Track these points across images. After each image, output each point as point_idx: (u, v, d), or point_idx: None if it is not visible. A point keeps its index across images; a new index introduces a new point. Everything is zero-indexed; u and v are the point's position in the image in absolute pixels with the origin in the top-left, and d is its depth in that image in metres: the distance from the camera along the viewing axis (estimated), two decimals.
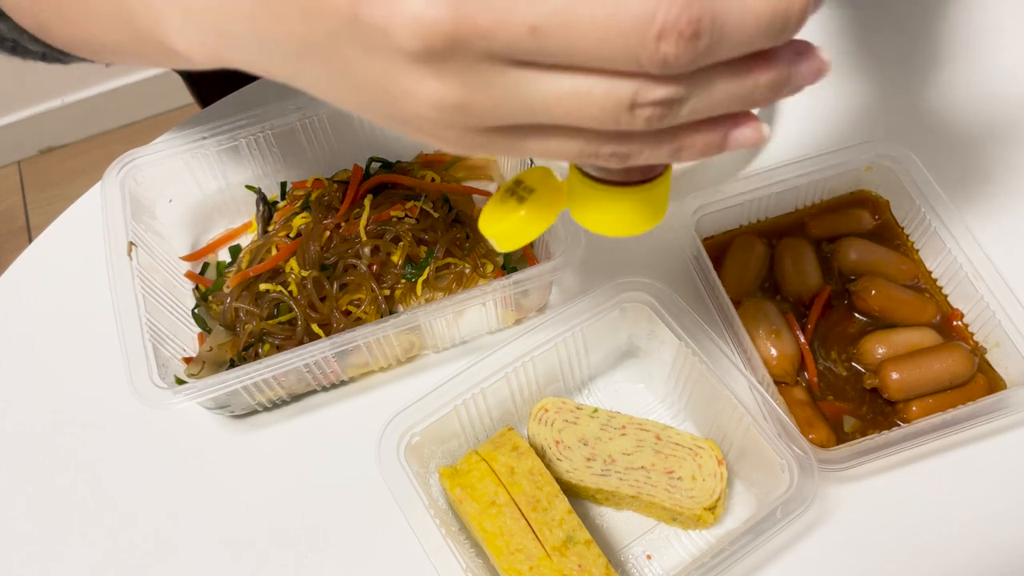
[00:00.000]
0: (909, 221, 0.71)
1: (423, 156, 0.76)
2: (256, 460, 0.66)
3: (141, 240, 0.66)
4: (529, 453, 0.59)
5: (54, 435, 0.68)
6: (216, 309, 0.69)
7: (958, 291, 0.68)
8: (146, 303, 0.63)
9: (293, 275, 0.68)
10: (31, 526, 0.64)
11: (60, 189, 1.94)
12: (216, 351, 0.66)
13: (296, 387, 0.66)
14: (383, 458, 0.57)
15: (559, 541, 0.56)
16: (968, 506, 0.62)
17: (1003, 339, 0.64)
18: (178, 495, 0.65)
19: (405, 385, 0.68)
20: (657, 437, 0.61)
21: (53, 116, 1.96)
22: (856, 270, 0.69)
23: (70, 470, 0.66)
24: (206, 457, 0.66)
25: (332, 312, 0.67)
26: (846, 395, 0.65)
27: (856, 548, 0.61)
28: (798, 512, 0.56)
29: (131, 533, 0.64)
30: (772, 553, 0.61)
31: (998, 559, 0.60)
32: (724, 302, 0.66)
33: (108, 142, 2.02)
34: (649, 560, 0.61)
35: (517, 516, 0.57)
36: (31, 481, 0.66)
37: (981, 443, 0.64)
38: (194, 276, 0.72)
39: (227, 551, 0.63)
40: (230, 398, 0.64)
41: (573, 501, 0.59)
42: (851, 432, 0.64)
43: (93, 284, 0.71)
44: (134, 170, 0.68)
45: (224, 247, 0.74)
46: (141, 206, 0.69)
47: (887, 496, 0.62)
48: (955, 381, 0.64)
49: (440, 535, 0.55)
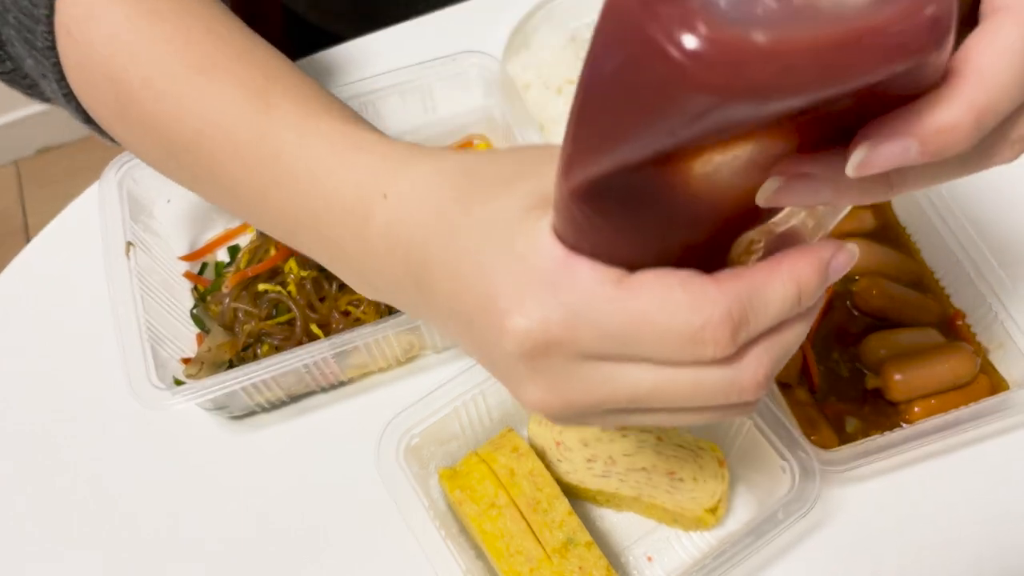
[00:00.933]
0: (911, 221, 0.71)
1: None
2: (255, 461, 0.66)
3: (139, 240, 0.66)
4: (529, 454, 0.59)
5: (52, 435, 0.67)
6: (215, 309, 0.69)
7: (960, 291, 0.68)
8: (144, 303, 0.62)
9: (292, 275, 0.67)
10: (30, 526, 0.64)
11: (58, 189, 1.94)
12: (215, 352, 0.65)
13: (295, 388, 0.66)
14: (382, 459, 0.57)
15: (559, 543, 0.56)
16: (971, 507, 0.62)
17: (1006, 340, 0.64)
18: (177, 496, 0.65)
19: (405, 386, 0.68)
20: (658, 438, 0.61)
21: (51, 116, 1.96)
22: (858, 270, 0.69)
23: (68, 470, 0.66)
24: (205, 458, 0.66)
25: (331, 312, 0.66)
26: (848, 396, 0.65)
27: (858, 550, 0.60)
28: (800, 513, 0.56)
29: (130, 534, 0.63)
30: (774, 555, 0.60)
31: (1001, 561, 0.60)
32: None
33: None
34: (650, 562, 0.61)
35: (517, 518, 0.57)
36: (29, 481, 0.66)
37: (984, 444, 0.64)
38: (192, 276, 0.72)
39: (226, 552, 0.63)
40: (229, 399, 0.63)
41: (573, 503, 0.58)
42: (853, 433, 0.63)
43: (91, 284, 0.71)
44: (132, 170, 0.68)
45: (223, 247, 0.74)
46: (139, 206, 0.68)
47: (889, 497, 0.62)
48: (958, 382, 0.64)
49: (440, 537, 0.55)
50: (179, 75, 0.46)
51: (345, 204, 0.41)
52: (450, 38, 0.81)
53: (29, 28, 0.48)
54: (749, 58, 0.21)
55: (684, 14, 0.21)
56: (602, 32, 0.24)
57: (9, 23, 0.49)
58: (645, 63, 0.22)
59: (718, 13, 0.22)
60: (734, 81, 0.21)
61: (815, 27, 0.22)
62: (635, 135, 0.25)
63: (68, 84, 0.49)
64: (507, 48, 0.79)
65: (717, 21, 0.21)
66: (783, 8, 0.22)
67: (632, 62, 0.23)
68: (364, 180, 0.40)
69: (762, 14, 0.22)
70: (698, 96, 0.22)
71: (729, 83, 0.21)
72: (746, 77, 0.21)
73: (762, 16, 0.22)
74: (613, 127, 0.26)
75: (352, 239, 0.41)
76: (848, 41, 0.22)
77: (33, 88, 0.55)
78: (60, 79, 0.49)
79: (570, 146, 0.29)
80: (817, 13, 0.22)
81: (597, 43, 0.25)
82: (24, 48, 0.50)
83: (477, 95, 0.74)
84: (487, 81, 0.72)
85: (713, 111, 0.22)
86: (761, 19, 0.22)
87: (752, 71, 0.21)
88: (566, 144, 0.30)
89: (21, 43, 0.50)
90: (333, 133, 0.43)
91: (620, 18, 0.23)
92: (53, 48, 0.48)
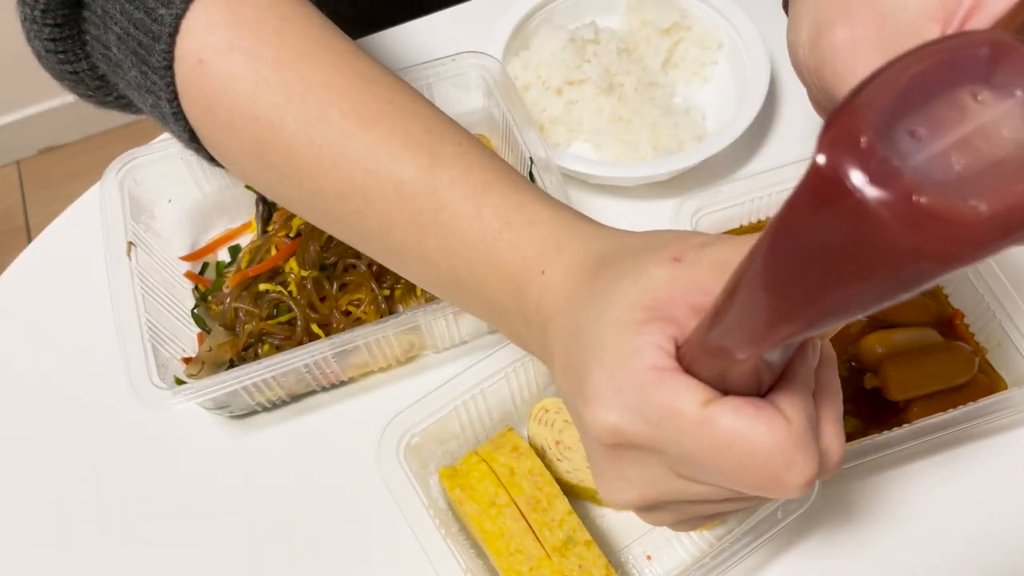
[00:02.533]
0: None
1: None
2: (255, 460, 0.66)
3: (140, 240, 0.66)
4: (529, 454, 0.59)
5: (52, 435, 0.67)
6: (216, 309, 0.69)
7: (959, 291, 0.68)
8: (145, 303, 0.62)
9: (293, 275, 0.68)
10: (29, 527, 0.64)
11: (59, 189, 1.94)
12: (215, 351, 0.65)
13: (296, 387, 0.66)
14: (383, 459, 0.57)
15: (559, 542, 0.56)
16: (969, 506, 0.62)
17: (1004, 339, 0.64)
18: (177, 495, 0.65)
19: (405, 385, 0.68)
20: None
21: (52, 116, 1.96)
22: None
23: (69, 470, 0.66)
24: (205, 457, 0.66)
25: (332, 312, 0.67)
26: (846, 395, 0.64)
27: (856, 548, 0.61)
28: (798, 512, 0.56)
29: (130, 534, 0.64)
30: (772, 553, 0.60)
31: (1000, 560, 0.60)
32: None
33: (107, 142, 2.02)
34: (649, 560, 0.61)
35: (517, 517, 0.57)
36: (28, 481, 0.66)
37: (981, 443, 0.64)
38: (193, 276, 0.72)
39: (226, 551, 0.63)
40: (229, 398, 0.63)
41: (573, 502, 0.59)
42: (851, 432, 0.63)
43: (92, 284, 0.71)
44: (133, 170, 0.68)
45: (224, 247, 0.74)
46: (140, 206, 0.69)
47: (888, 496, 0.62)
48: (956, 381, 0.64)
49: (440, 536, 0.55)
50: (337, 124, 0.46)
51: (510, 274, 0.43)
52: (450, 38, 0.81)
53: (144, 44, 0.47)
54: (977, 226, 0.22)
55: (906, 192, 0.22)
56: (808, 209, 0.25)
57: (113, 30, 0.49)
58: (873, 242, 0.23)
59: (932, 185, 0.23)
60: (962, 248, 0.23)
61: (1015, 179, 0.23)
62: (849, 308, 0.26)
63: (180, 105, 0.49)
64: (507, 48, 0.79)
65: (937, 194, 0.22)
66: (976, 161, 0.23)
67: (856, 240, 0.24)
68: (530, 256, 0.43)
69: (960, 172, 0.23)
70: (930, 263, 0.23)
71: (958, 250, 0.23)
72: (974, 241, 0.22)
73: (962, 175, 0.23)
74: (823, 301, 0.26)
75: (512, 304, 0.44)
76: None
77: (110, 97, 0.55)
78: (172, 99, 0.48)
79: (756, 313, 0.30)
80: (1007, 160, 0.23)
81: (801, 218, 0.25)
82: (130, 59, 0.49)
83: (477, 95, 0.74)
84: (487, 81, 0.72)
85: (937, 273, 0.24)
86: (964, 179, 0.23)
87: (979, 236, 0.22)
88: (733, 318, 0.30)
89: (126, 54, 0.49)
90: (506, 206, 0.44)
91: (833, 194, 0.24)
92: (170, 68, 0.47)
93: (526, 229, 0.43)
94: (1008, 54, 0.25)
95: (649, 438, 0.35)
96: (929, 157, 0.23)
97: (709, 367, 0.34)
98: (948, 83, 0.25)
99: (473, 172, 0.46)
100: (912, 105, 0.24)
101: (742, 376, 0.33)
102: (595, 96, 0.77)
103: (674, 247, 0.38)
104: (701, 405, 0.33)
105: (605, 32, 0.81)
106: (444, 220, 0.45)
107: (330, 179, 0.46)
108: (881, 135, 0.23)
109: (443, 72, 0.72)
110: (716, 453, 0.33)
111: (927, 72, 0.24)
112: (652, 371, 0.34)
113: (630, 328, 0.35)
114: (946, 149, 0.24)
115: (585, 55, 0.79)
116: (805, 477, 0.33)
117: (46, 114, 1.95)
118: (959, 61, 0.25)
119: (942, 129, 0.24)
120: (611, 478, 0.38)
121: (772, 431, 0.33)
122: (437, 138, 0.47)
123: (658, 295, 0.36)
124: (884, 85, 0.24)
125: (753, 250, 0.28)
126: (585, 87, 0.78)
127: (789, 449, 0.33)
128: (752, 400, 0.33)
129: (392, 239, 0.47)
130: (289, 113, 0.46)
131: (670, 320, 0.35)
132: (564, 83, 0.78)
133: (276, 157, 0.47)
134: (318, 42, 0.48)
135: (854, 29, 0.34)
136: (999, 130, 0.24)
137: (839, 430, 0.37)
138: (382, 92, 0.47)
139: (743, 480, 0.33)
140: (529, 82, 0.79)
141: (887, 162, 0.23)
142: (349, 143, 0.46)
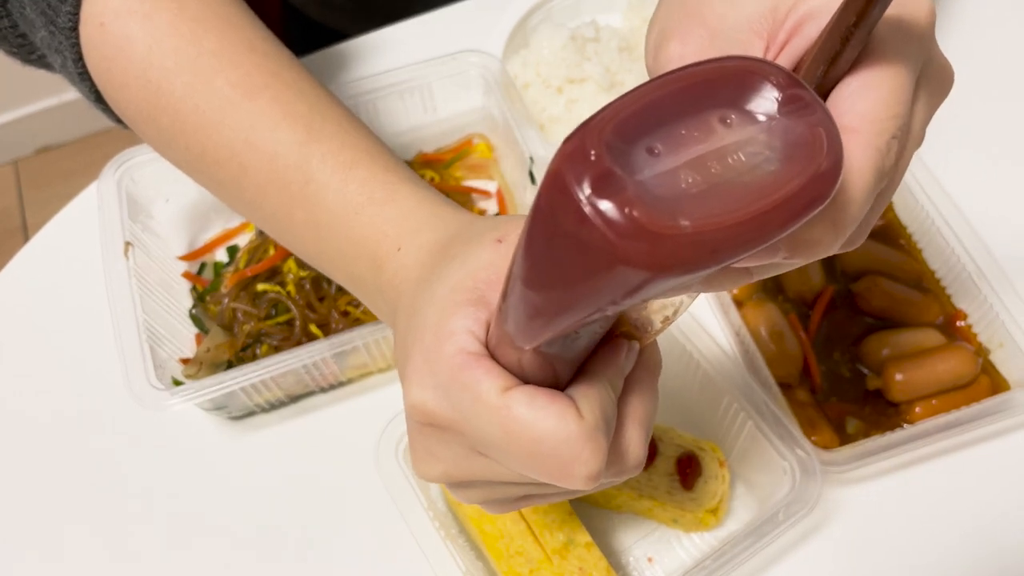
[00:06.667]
0: (912, 221, 0.71)
1: (422, 155, 0.75)
2: (254, 462, 0.66)
3: (138, 240, 0.66)
4: None
5: (50, 435, 0.67)
6: (213, 310, 0.69)
7: (962, 291, 0.67)
8: (143, 303, 0.62)
9: (291, 275, 0.67)
10: (29, 527, 0.64)
11: (57, 188, 1.94)
12: (214, 352, 0.65)
13: (294, 388, 0.66)
14: (382, 459, 0.57)
15: (559, 544, 0.56)
16: (972, 508, 0.61)
17: (1007, 340, 0.64)
18: (175, 497, 0.65)
19: None
20: (659, 439, 0.60)
21: (50, 115, 1.96)
22: (859, 270, 0.69)
23: (66, 470, 0.66)
24: (203, 459, 0.66)
25: (330, 312, 0.66)
26: (849, 396, 0.65)
27: (859, 550, 0.60)
28: (801, 514, 0.56)
29: (128, 534, 0.63)
30: (774, 556, 0.60)
31: (1002, 561, 0.60)
32: (726, 303, 0.65)
33: (105, 141, 2.01)
34: (651, 563, 0.60)
35: (517, 518, 0.56)
36: (27, 481, 0.65)
37: (985, 444, 0.63)
38: (191, 276, 0.71)
39: (225, 552, 0.62)
40: (228, 399, 0.63)
41: (573, 503, 0.58)
42: (854, 434, 0.63)
43: (90, 284, 0.71)
44: (131, 169, 0.67)
45: (221, 247, 0.74)
46: (138, 206, 0.68)
47: (890, 498, 0.62)
48: (959, 382, 0.64)
49: (439, 537, 0.55)
50: (222, 92, 0.47)
51: (369, 250, 0.44)
52: (450, 37, 0.81)
53: (52, 5, 0.49)
54: (680, 242, 0.24)
55: (622, 204, 0.24)
56: (544, 213, 0.27)
57: None
58: (591, 248, 0.25)
59: (650, 199, 0.24)
60: (666, 261, 0.24)
61: (733, 203, 0.25)
62: (580, 306, 0.28)
63: (85, 65, 0.50)
64: (507, 47, 0.79)
65: (649, 209, 0.24)
66: (704, 181, 0.25)
67: (579, 244, 0.25)
68: (389, 232, 0.43)
69: (686, 189, 0.25)
70: (637, 272, 0.25)
71: (662, 263, 0.24)
72: (678, 257, 0.24)
73: (686, 192, 0.25)
74: (563, 297, 0.28)
75: (371, 279, 0.44)
76: (763, 215, 0.25)
77: (33, 55, 0.55)
78: (77, 59, 0.50)
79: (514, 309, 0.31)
80: (734, 182, 0.25)
81: (540, 221, 0.27)
82: (40, 19, 0.50)
83: (477, 94, 0.74)
84: (487, 80, 0.72)
85: (649, 283, 0.25)
86: (686, 196, 0.25)
87: (683, 252, 0.24)
88: (509, 307, 0.32)
89: (37, 14, 0.50)
90: (372, 182, 0.45)
91: (563, 205, 0.25)
92: (75, 29, 0.49)
93: (388, 206, 0.44)
94: (761, 81, 0.27)
95: (452, 419, 0.35)
96: (658, 174, 0.25)
97: (507, 355, 0.34)
98: (700, 105, 0.26)
99: (346, 149, 0.46)
100: (657, 124, 0.26)
101: (535, 366, 0.34)
102: (596, 94, 0.77)
103: (502, 228, 0.38)
104: (500, 391, 0.34)
105: (606, 30, 0.80)
106: (311, 192, 0.46)
107: (211, 144, 0.48)
108: (613, 150, 0.25)
109: (443, 70, 0.72)
110: (510, 439, 0.34)
111: (678, 93, 0.26)
112: (460, 355, 0.35)
113: (449, 310, 0.36)
114: (677, 167, 0.25)
115: (586, 53, 0.79)
116: (589, 470, 0.33)
117: (43, 113, 1.95)
118: (715, 85, 0.26)
119: (679, 148, 0.25)
120: (421, 453, 0.38)
121: (562, 423, 0.33)
122: (318, 116, 0.47)
123: (478, 276, 0.36)
124: (628, 103, 0.26)
125: (516, 246, 0.29)
126: (586, 85, 0.78)
127: (577, 442, 0.33)
128: (549, 392, 0.34)
129: (265, 209, 0.48)
130: (178, 77, 0.47)
131: (484, 303, 0.36)
132: (565, 81, 0.78)
133: (165, 120, 0.49)
134: (216, 13, 0.49)
135: (685, 45, 0.35)
136: (737, 153, 0.26)
137: (642, 434, 0.37)
138: (270, 65, 0.48)
139: (533, 467, 0.34)
140: (529, 81, 0.79)
141: (611, 175, 0.24)
142: (232, 111, 0.47)
